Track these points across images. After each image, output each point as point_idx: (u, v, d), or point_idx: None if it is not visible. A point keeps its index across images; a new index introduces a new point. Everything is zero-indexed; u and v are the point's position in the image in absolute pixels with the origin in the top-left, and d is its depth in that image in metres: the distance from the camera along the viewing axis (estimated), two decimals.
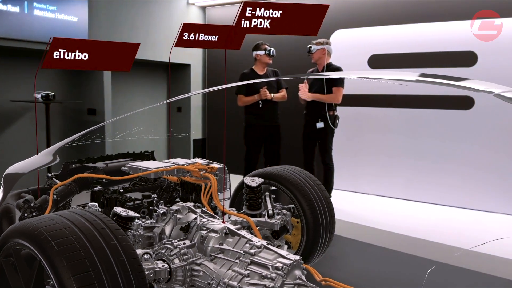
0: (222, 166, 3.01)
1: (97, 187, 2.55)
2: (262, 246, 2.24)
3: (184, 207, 2.52)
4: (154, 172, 2.57)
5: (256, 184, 2.89)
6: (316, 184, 3.10)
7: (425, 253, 3.78)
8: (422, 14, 5.42)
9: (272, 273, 2.10)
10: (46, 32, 4.89)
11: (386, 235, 4.32)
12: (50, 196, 2.28)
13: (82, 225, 1.74)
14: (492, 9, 4.79)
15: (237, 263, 2.20)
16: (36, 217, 1.79)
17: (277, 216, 2.89)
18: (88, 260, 1.62)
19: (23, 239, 1.70)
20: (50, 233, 1.65)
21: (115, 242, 1.74)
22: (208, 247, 2.30)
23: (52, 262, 1.59)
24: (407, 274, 3.43)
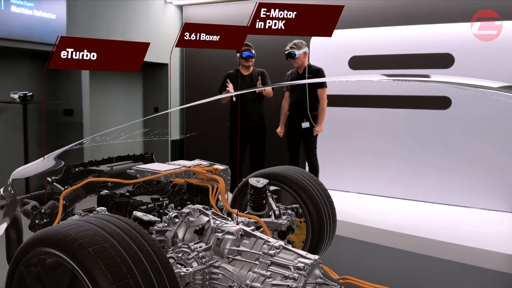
0: (225, 168, 2.99)
1: (103, 191, 2.47)
2: (281, 246, 2.24)
3: (195, 209, 2.48)
4: (164, 175, 2.51)
5: (261, 184, 2.88)
6: (318, 184, 3.14)
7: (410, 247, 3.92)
8: (402, 17, 5.59)
9: (294, 273, 2.11)
10: (23, 29, 4.67)
11: (370, 230, 4.43)
12: (60, 201, 2.18)
13: (113, 231, 1.69)
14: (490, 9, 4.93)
15: (256, 264, 2.19)
16: (61, 224, 1.71)
17: (283, 216, 2.91)
18: (125, 267, 1.57)
19: (52, 247, 1.63)
20: (84, 240, 1.59)
21: (148, 248, 1.69)
22: (225, 249, 2.28)
23: (88, 270, 1.53)
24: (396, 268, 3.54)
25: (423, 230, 4.41)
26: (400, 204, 5.43)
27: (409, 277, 3.35)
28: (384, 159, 5.70)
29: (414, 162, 5.53)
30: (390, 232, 4.36)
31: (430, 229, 4.47)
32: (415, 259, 3.70)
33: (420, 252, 3.82)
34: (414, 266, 3.58)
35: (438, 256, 3.72)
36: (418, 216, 5.01)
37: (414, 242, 4.09)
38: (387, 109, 5.67)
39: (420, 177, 5.50)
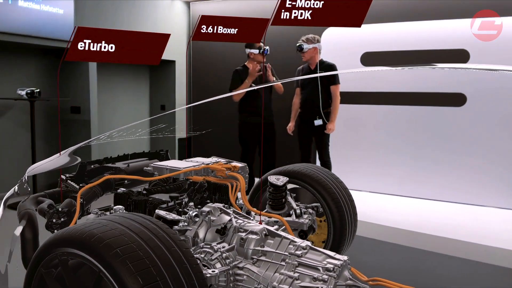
0: (244, 165, 2.89)
1: (120, 189, 2.37)
2: (308, 246, 2.14)
3: (215, 208, 2.38)
4: (184, 172, 2.42)
5: (281, 182, 2.79)
6: (338, 182, 3.05)
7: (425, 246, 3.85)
8: (415, 12, 5.49)
9: (323, 274, 2.01)
10: (31, 24, 4.58)
11: (386, 229, 4.34)
12: (78, 199, 2.09)
13: (139, 231, 1.59)
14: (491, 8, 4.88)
15: (283, 265, 2.10)
16: (83, 223, 1.61)
17: (304, 216, 2.81)
18: (155, 269, 1.47)
19: (75, 247, 1.53)
20: (110, 240, 1.49)
21: (176, 249, 1.60)
22: (249, 250, 2.18)
23: (116, 272, 1.43)
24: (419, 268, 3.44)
25: (440, 229, 4.31)
26: (414, 203, 5.34)
27: (433, 277, 3.25)
28: (397, 157, 5.60)
29: (428, 160, 5.43)
30: (407, 232, 4.27)
31: (447, 228, 4.38)
32: (436, 258, 3.61)
33: (440, 252, 3.73)
34: (436, 266, 3.48)
35: (459, 256, 3.64)
36: (433, 215, 4.91)
37: (433, 242, 4.00)
38: (400, 106, 5.57)
39: (434, 176, 5.40)
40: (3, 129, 5.12)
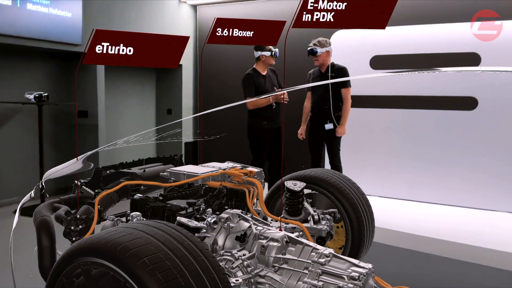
0: (260, 170, 2.84)
1: (136, 195, 2.31)
2: (331, 254, 2.09)
3: (234, 214, 2.32)
4: (202, 178, 2.37)
5: (299, 188, 2.74)
6: (356, 187, 2.99)
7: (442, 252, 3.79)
8: (424, 16, 5.45)
9: (349, 283, 1.96)
10: (39, 27, 4.54)
11: (398, 235, 4.27)
12: (95, 206, 2.04)
13: (165, 239, 1.53)
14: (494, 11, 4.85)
15: (306, 273, 2.04)
16: (106, 232, 1.56)
17: (323, 222, 2.75)
18: (183, 279, 1.42)
19: (100, 257, 1.48)
20: (136, 250, 1.43)
21: (203, 258, 1.54)
22: (271, 257, 2.13)
23: (144, 283, 1.37)
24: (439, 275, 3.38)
25: (455, 235, 4.25)
26: (425, 208, 5.27)
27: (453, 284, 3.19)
28: (407, 161, 5.54)
29: (439, 164, 5.37)
30: (421, 237, 4.20)
31: (462, 234, 4.31)
32: (453, 264, 3.55)
33: (456, 258, 3.67)
34: (454, 272, 3.43)
35: (475, 261, 3.58)
36: (446, 220, 4.85)
37: (449, 248, 3.94)
38: (410, 110, 5.52)
39: (445, 180, 5.34)
40: (11, 133, 5.08)
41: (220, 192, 2.43)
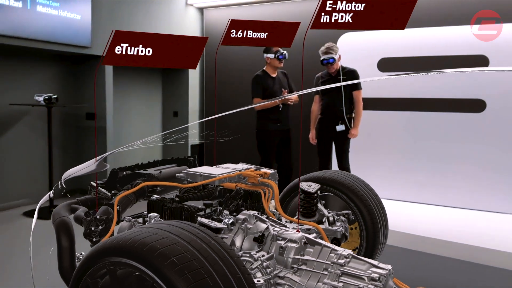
0: (274, 172, 2.83)
1: (153, 196, 2.31)
2: (350, 255, 2.08)
3: (250, 215, 2.32)
4: (219, 179, 2.37)
5: (313, 189, 2.73)
6: (369, 189, 2.99)
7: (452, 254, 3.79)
8: (432, 18, 5.45)
9: (369, 284, 1.95)
10: (49, 30, 4.55)
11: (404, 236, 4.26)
12: (115, 207, 2.03)
13: (190, 239, 1.53)
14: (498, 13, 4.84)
15: (325, 274, 2.03)
16: (132, 232, 1.56)
17: (338, 223, 2.75)
18: (211, 279, 1.41)
19: (126, 257, 1.47)
20: (164, 250, 1.43)
21: (228, 258, 1.54)
22: (289, 258, 2.12)
23: (172, 282, 1.37)
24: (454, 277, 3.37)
25: (462, 236, 4.23)
26: (433, 210, 5.26)
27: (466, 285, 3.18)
28: (415, 164, 5.53)
29: (448, 167, 5.35)
30: (430, 239, 4.19)
31: (471, 236, 4.30)
32: (466, 266, 3.54)
33: (468, 260, 3.67)
34: (466, 273, 3.42)
35: (486, 263, 3.57)
36: (455, 222, 4.83)
37: (459, 250, 3.92)
38: (418, 112, 5.51)
39: (454, 183, 5.33)
40: (19, 135, 5.08)
41: (238, 193, 2.42)
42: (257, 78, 4.89)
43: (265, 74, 4.94)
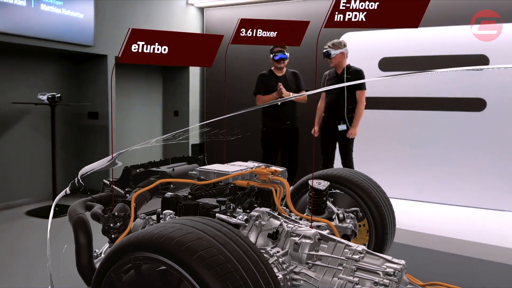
0: (283, 170, 2.86)
1: (167, 193, 2.33)
2: (364, 250, 2.11)
3: (263, 212, 2.34)
4: (233, 176, 2.39)
5: (323, 187, 2.76)
6: (377, 186, 3.03)
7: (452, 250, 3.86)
8: (433, 18, 5.49)
9: (384, 279, 1.98)
10: (52, 28, 4.55)
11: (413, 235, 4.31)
12: (132, 204, 2.05)
13: (215, 234, 1.55)
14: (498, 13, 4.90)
15: (340, 270, 2.06)
16: (155, 227, 1.57)
17: (347, 220, 2.78)
18: (237, 273, 1.44)
19: (152, 252, 1.49)
20: (191, 244, 1.45)
21: (252, 252, 1.56)
22: (304, 254, 2.15)
23: (200, 276, 1.39)
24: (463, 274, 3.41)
25: (464, 234, 4.29)
26: (434, 209, 5.31)
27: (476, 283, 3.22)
28: (416, 163, 5.58)
29: (448, 165, 5.41)
30: (435, 237, 4.24)
31: (470, 233, 4.35)
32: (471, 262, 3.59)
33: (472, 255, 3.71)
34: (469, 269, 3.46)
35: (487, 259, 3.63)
36: (456, 220, 4.88)
37: (463, 246, 3.98)
38: (419, 112, 5.56)
39: (455, 181, 5.38)
40: (21, 134, 5.06)
41: (252, 190, 2.44)
42: (260, 77, 4.98)
43: (271, 73, 4.99)
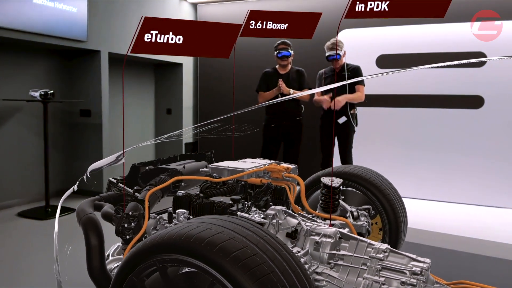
0: (295, 167, 2.77)
1: (179, 192, 2.21)
2: (388, 249, 2.03)
3: (279, 211, 2.25)
4: (249, 173, 2.29)
5: (336, 184, 2.68)
6: (389, 183, 2.96)
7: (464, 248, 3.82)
8: None
9: (411, 278, 1.91)
10: (44, 22, 4.37)
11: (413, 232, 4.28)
12: (146, 203, 1.93)
13: (246, 234, 1.45)
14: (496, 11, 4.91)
15: (364, 269, 1.98)
16: (180, 227, 1.46)
17: (362, 218, 2.71)
18: (273, 274, 1.34)
19: (181, 253, 1.38)
20: (223, 245, 1.35)
21: (285, 252, 1.47)
22: (325, 254, 2.06)
23: (236, 278, 1.29)
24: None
25: (462, 230, 4.30)
26: (432, 206, 5.30)
27: None
28: (414, 160, 5.56)
29: (446, 162, 5.40)
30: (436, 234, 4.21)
31: (469, 229, 4.35)
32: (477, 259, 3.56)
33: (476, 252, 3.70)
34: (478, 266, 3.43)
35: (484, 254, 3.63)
36: (454, 217, 4.88)
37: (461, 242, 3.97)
38: (417, 109, 5.54)
39: (452, 178, 5.38)
40: (13, 132, 4.86)
41: (269, 187, 2.35)
42: (263, 74, 5.00)
43: (274, 70, 4.94)
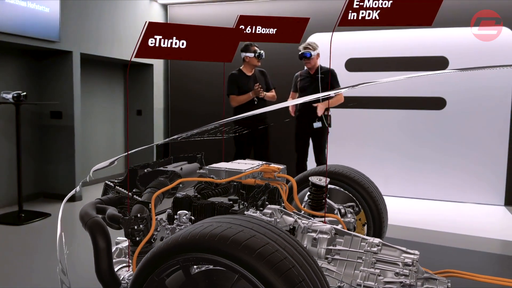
0: (284, 167, 2.87)
1: (178, 193, 2.25)
2: (380, 243, 2.18)
3: (276, 210, 2.35)
4: (246, 174, 2.36)
5: (324, 183, 2.81)
6: (370, 181, 3.13)
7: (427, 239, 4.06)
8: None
9: (404, 269, 2.06)
10: (16, 22, 4.23)
11: None
12: (152, 205, 1.95)
13: (264, 231, 1.53)
14: None
15: (360, 262, 2.11)
16: (200, 226, 1.52)
17: (348, 215, 2.85)
18: (295, 269, 1.43)
19: (204, 252, 1.45)
20: (247, 242, 1.42)
21: (301, 248, 1.56)
22: (322, 249, 2.18)
23: (262, 274, 1.37)
24: None
25: (428, 224, 4.57)
26: (399, 202, 5.56)
27: None
28: (381, 158, 5.82)
29: (411, 160, 5.70)
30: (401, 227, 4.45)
31: (436, 222, 4.64)
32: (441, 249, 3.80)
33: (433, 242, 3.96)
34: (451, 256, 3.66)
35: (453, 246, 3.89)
36: (421, 212, 5.16)
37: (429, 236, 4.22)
38: (384, 110, 5.80)
39: (417, 175, 5.68)
40: None
41: (267, 187, 2.43)
42: (231, 77, 4.96)
43: (241, 73, 4.98)
